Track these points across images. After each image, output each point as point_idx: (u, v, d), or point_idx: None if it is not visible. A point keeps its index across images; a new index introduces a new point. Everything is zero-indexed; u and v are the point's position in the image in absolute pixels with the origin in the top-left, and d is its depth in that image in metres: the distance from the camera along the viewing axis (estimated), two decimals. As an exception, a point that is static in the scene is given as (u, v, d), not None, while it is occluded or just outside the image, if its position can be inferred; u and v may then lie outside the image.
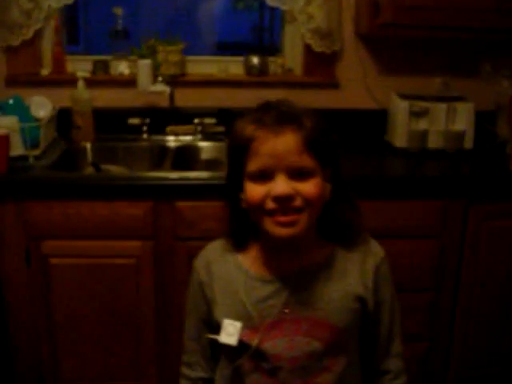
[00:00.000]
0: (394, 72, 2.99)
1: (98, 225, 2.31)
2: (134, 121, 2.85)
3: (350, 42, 2.95)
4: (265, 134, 1.21)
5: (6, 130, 2.32)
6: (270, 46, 5.80)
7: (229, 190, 1.34)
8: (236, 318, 1.32)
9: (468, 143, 2.75)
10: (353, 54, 2.96)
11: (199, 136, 2.88)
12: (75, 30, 6.38)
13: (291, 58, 3.04)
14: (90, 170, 2.63)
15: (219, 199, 2.30)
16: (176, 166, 2.54)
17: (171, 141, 2.84)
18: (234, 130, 1.29)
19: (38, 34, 2.86)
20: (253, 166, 1.24)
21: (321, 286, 1.31)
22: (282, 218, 1.22)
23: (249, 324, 1.31)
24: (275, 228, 1.24)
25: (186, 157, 2.76)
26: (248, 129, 1.24)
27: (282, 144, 1.20)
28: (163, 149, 2.78)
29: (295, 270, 1.32)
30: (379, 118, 2.92)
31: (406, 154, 2.72)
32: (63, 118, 2.75)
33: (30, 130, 2.44)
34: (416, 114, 2.73)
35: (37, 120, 2.59)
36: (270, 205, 1.22)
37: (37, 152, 2.50)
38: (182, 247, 2.35)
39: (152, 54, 2.88)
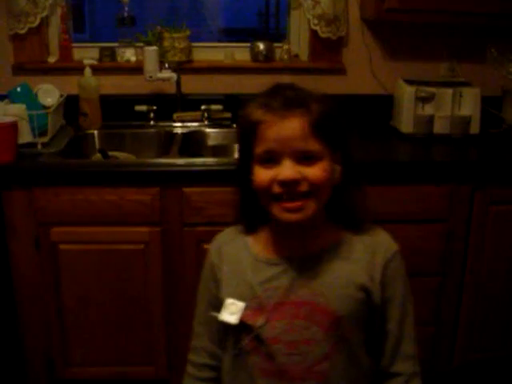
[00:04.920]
0: (400, 57, 2.98)
1: (106, 211, 2.33)
2: (141, 108, 2.86)
3: (356, 27, 2.94)
4: (271, 118, 1.21)
5: (14, 117, 2.33)
6: (275, 32, 5.79)
7: (239, 173, 1.34)
8: (240, 298, 1.31)
9: (474, 128, 2.75)
10: (359, 40, 2.96)
11: (206, 122, 2.89)
12: (81, 19, 6.39)
13: (297, 43, 3.04)
14: (97, 156, 2.64)
15: (226, 185, 2.32)
16: (183, 153, 2.55)
17: (178, 127, 2.85)
18: (242, 114, 1.29)
19: (45, 22, 2.87)
20: (260, 149, 1.24)
21: (324, 271, 1.30)
22: (289, 205, 1.23)
23: (252, 305, 1.30)
24: (283, 213, 1.24)
25: (192, 143, 2.77)
26: (255, 113, 1.24)
27: (288, 128, 1.20)
28: (170, 135, 2.79)
29: (300, 254, 1.31)
30: (385, 104, 2.92)
31: (412, 139, 2.72)
32: (70, 106, 2.76)
33: (38, 118, 2.46)
34: (422, 100, 2.73)
35: (44, 107, 2.61)
36: (277, 189, 1.22)
37: (45, 139, 2.52)
38: (190, 233, 2.37)
39: (158, 40, 2.88)
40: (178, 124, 2.86)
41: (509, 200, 2.46)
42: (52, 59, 2.90)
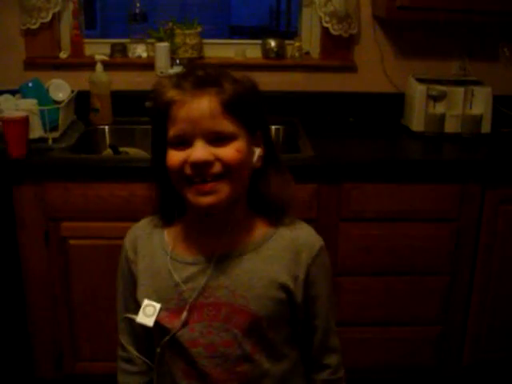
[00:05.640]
0: (411, 55, 2.97)
1: (116, 206, 2.33)
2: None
3: (368, 24, 2.93)
4: (182, 98, 1.17)
5: (26, 112, 2.33)
6: (286, 30, 5.79)
7: (154, 160, 1.29)
8: (156, 299, 1.27)
9: (485, 127, 2.74)
10: (370, 37, 2.95)
11: (216, 119, 2.88)
12: (92, 14, 6.41)
13: (308, 41, 3.04)
14: (108, 152, 2.65)
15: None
16: (193, 149, 2.55)
17: (188, 124, 2.84)
18: (154, 95, 1.23)
19: (57, 18, 2.88)
20: (172, 131, 1.19)
21: (244, 271, 1.25)
22: (200, 186, 1.17)
23: (169, 306, 1.26)
24: (196, 197, 1.19)
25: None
26: (167, 93, 1.19)
27: (198, 108, 1.15)
28: (180, 132, 2.79)
29: (219, 252, 1.25)
30: (396, 102, 2.91)
31: (422, 137, 2.71)
32: (82, 101, 2.76)
33: (49, 113, 2.46)
34: (433, 98, 2.72)
35: (56, 103, 2.61)
36: (189, 171, 1.17)
37: (56, 134, 2.52)
38: (199, 229, 2.37)
39: (170, 37, 2.88)
40: (189, 120, 2.86)
41: (519, 200, 2.46)
42: (63, 55, 2.91)
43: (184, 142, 1.18)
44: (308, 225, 1.35)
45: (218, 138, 1.17)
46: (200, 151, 1.16)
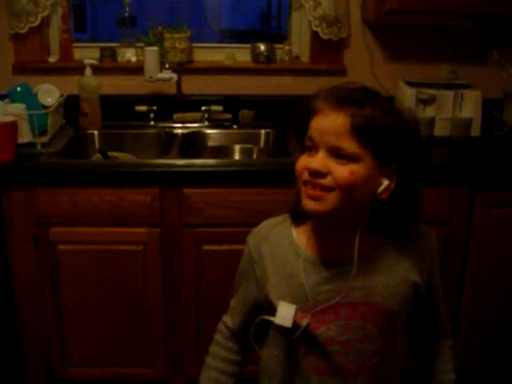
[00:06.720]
0: (401, 59, 2.98)
1: (106, 211, 2.32)
2: (142, 108, 2.86)
3: (357, 28, 2.94)
4: (323, 109, 1.23)
5: (14, 117, 2.32)
6: (277, 33, 5.78)
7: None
8: (291, 300, 1.32)
9: (475, 131, 2.75)
10: (360, 41, 2.96)
11: (206, 123, 2.88)
12: (82, 18, 6.38)
13: (298, 45, 3.04)
14: (97, 156, 2.64)
15: (226, 186, 2.33)
16: (183, 153, 2.54)
17: (178, 128, 2.84)
18: (305, 101, 1.30)
19: (46, 22, 2.87)
20: (307, 136, 1.27)
21: (378, 272, 1.32)
22: (310, 191, 1.24)
23: (303, 307, 1.32)
24: (304, 199, 1.25)
25: (192, 144, 2.77)
26: (315, 102, 1.26)
27: (330, 122, 1.22)
28: (170, 136, 2.78)
29: (352, 255, 1.29)
30: (386, 106, 2.91)
31: (412, 141, 2.71)
32: (71, 105, 2.75)
33: (38, 118, 2.45)
34: (423, 102, 2.72)
35: (44, 107, 2.60)
36: (305, 176, 1.24)
37: (44, 139, 2.51)
38: (189, 234, 2.36)
39: (159, 41, 2.88)
40: (178, 125, 2.86)
41: (509, 203, 2.46)
42: (52, 59, 2.90)
43: (313, 148, 1.25)
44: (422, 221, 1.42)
45: (339, 155, 1.21)
46: (317, 161, 1.23)
